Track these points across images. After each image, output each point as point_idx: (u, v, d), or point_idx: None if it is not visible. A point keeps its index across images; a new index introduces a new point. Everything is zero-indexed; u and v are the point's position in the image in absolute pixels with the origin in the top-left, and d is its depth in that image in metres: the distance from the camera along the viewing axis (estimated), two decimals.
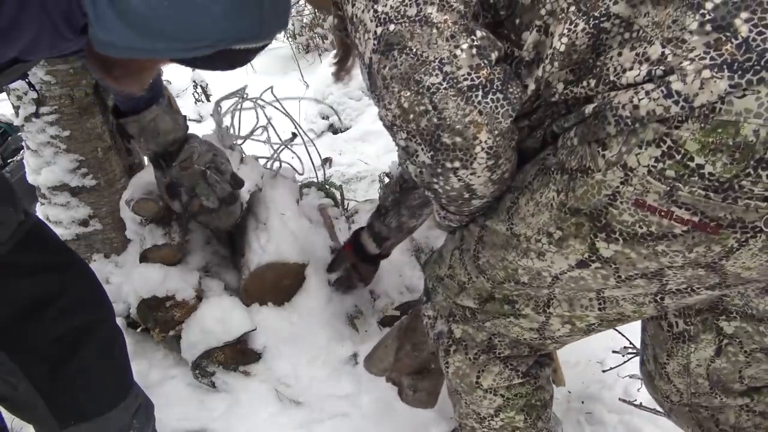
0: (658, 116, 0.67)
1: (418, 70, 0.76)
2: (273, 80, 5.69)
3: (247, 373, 1.67)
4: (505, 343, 1.05)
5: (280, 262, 1.71)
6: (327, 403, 1.61)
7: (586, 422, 1.58)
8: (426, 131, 0.80)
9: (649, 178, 0.69)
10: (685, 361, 1.01)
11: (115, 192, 1.72)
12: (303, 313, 1.75)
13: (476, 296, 1.01)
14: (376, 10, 0.79)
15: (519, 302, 0.96)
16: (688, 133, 0.65)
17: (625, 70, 0.71)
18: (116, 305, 1.73)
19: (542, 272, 0.87)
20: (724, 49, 0.63)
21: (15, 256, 0.98)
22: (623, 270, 0.79)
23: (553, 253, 0.83)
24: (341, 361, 1.70)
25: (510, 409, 1.09)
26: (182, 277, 1.64)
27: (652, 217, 0.71)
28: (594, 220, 0.76)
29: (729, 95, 0.62)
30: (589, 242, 0.78)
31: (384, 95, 0.82)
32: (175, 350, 1.70)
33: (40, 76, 1.51)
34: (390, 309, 1.76)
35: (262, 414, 1.60)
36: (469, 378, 1.09)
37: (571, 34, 0.76)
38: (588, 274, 0.82)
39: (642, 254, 0.75)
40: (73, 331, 1.05)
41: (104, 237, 1.75)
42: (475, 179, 0.85)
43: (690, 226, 0.69)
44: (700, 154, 0.65)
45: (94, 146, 1.65)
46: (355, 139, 3.72)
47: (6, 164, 3.41)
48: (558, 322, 0.95)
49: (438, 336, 1.13)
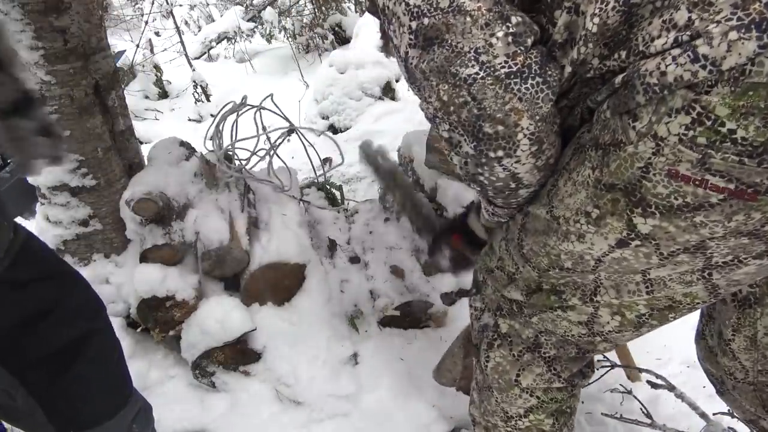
0: (686, 82, 0.64)
1: (454, 62, 0.75)
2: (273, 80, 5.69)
3: (247, 373, 1.67)
4: (551, 342, 1.02)
5: (281, 262, 1.71)
6: (327, 403, 1.61)
7: (586, 422, 1.58)
8: (467, 122, 0.79)
9: (680, 147, 0.66)
10: (752, 332, 0.97)
11: (115, 192, 1.72)
12: (303, 313, 1.75)
13: (524, 287, 0.98)
14: (408, 3, 0.77)
15: (566, 292, 0.93)
16: (717, 97, 0.63)
17: (653, 39, 0.69)
18: (116, 305, 1.74)
19: (584, 255, 0.85)
20: (752, 8, 0.60)
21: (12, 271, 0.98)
22: (664, 246, 0.76)
23: (593, 233, 0.81)
24: (341, 361, 1.70)
25: (542, 411, 1.07)
26: (182, 277, 1.64)
27: (686, 187, 0.68)
28: (629, 195, 0.74)
29: (759, 56, 0.60)
30: (626, 218, 0.76)
31: (423, 88, 0.81)
32: (175, 350, 1.70)
33: (40, 76, 1.51)
34: (390, 309, 1.76)
35: (262, 414, 1.60)
36: (508, 375, 1.07)
37: (602, 14, 0.74)
38: (629, 253, 0.80)
39: (680, 227, 0.73)
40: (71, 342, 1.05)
41: (104, 237, 1.75)
42: (520, 167, 0.83)
43: (726, 194, 0.67)
44: (731, 118, 0.62)
45: (94, 146, 1.65)
46: (355, 139, 3.72)
47: (6, 164, 3.41)
48: (607, 312, 0.91)
49: (483, 328, 1.11)
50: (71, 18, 1.52)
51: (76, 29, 1.54)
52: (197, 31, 7.44)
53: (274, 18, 6.31)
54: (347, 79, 4.03)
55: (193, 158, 1.86)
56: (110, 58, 1.71)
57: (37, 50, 1.48)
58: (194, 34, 7.41)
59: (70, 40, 1.53)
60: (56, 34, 1.50)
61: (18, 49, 1.47)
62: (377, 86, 4.07)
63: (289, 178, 1.94)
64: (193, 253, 1.68)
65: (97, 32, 1.63)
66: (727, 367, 1.05)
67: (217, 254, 1.67)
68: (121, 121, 1.76)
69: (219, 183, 1.83)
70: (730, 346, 1.02)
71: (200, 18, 7.73)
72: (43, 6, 1.46)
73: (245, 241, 1.71)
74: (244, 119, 1.88)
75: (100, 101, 1.65)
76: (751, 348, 0.99)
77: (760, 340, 0.97)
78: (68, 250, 1.75)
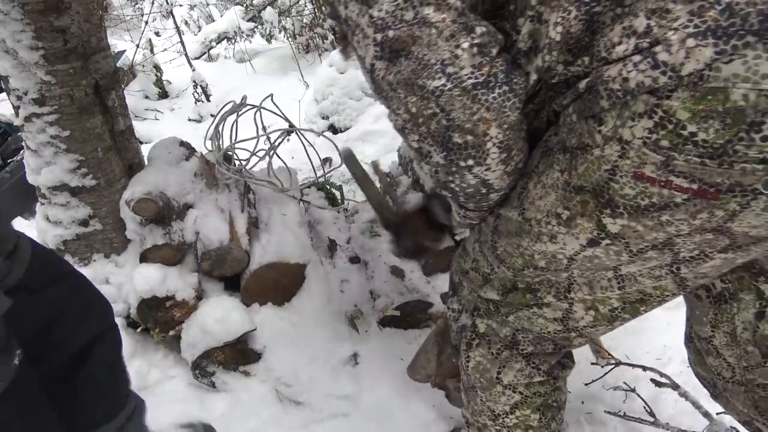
0: (647, 87, 0.67)
1: (421, 74, 0.76)
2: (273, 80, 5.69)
3: (247, 373, 1.67)
4: (528, 339, 1.04)
5: (281, 262, 1.71)
6: (327, 403, 1.61)
7: (586, 422, 1.58)
8: (437, 133, 0.80)
9: (645, 150, 0.69)
10: (731, 327, 0.98)
11: (115, 192, 1.72)
12: (303, 313, 1.75)
13: (500, 287, 1.00)
14: (372, 15, 0.77)
15: (541, 290, 0.95)
16: (678, 102, 0.65)
17: (615, 45, 0.71)
18: (116, 305, 1.73)
19: (557, 255, 0.87)
20: (708, 15, 0.62)
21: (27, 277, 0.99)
22: (633, 244, 0.79)
23: (564, 234, 0.83)
24: (341, 361, 1.70)
25: (527, 407, 1.09)
26: (182, 277, 1.64)
27: (652, 188, 0.71)
28: (598, 197, 0.76)
29: (715, 62, 0.62)
30: (595, 219, 0.78)
31: (391, 99, 0.82)
32: (175, 350, 1.70)
33: (40, 76, 1.51)
34: (390, 309, 1.76)
35: (262, 414, 1.60)
36: (489, 373, 1.09)
37: (565, 23, 0.76)
38: (600, 252, 0.82)
39: (648, 226, 0.75)
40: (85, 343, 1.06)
41: (104, 237, 1.75)
42: (490, 174, 0.85)
43: (690, 194, 0.69)
44: (692, 122, 0.65)
45: (94, 146, 1.65)
46: (355, 139, 3.72)
47: (6, 164, 3.41)
48: (581, 308, 0.94)
49: (461, 329, 1.12)
50: (71, 18, 1.52)
51: (76, 29, 1.54)
52: (197, 31, 7.44)
53: (274, 18, 6.31)
54: (347, 79, 4.03)
55: (193, 158, 1.85)
56: (110, 58, 1.71)
57: (37, 50, 1.48)
58: (194, 34, 7.41)
59: (70, 40, 1.53)
60: (56, 34, 1.50)
61: (18, 49, 1.47)
62: None
63: (289, 178, 1.94)
64: (193, 253, 1.68)
65: (97, 32, 1.63)
66: (714, 367, 1.06)
67: (217, 254, 1.67)
68: (121, 121, 1.76)
69: (219, 183, 1.83)
70: (712, 343, 1.03)
71: (200, 18, 7.73)
72: (43, 6, 1.46)
73: (245, 241, 1.71)
74: (244, 119, 1.88)
75: (100, 101, 1.65)
76: (732, 344, 1.00)
77: (740, 335, 0.98)
78: (68, 250, 1.75)
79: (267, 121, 1.90)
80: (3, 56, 1.50)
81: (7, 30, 1.45)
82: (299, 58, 5.63)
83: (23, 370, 0.88)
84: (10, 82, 1.54)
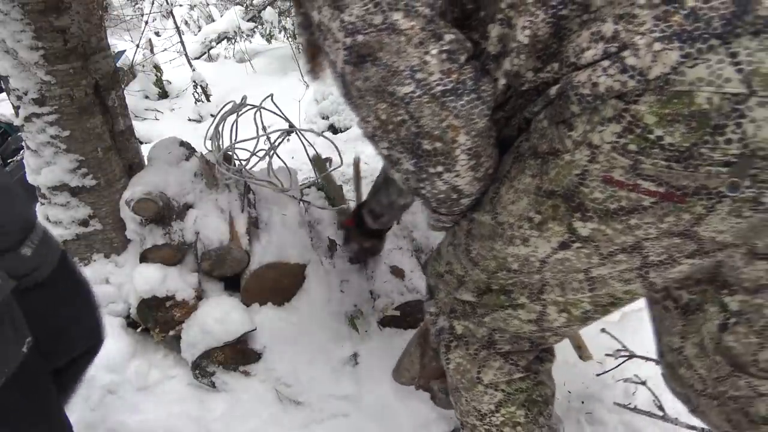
0: (616, 92, 0.67)
1: (391, 81, 0.77)
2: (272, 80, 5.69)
3: (247, 373, 1.67)
4: (505, 339, 1.05)
5: (281, 262, 1.71)
6: (327, 403, 1.61)
7: (586, 422, 1.58)
8: (406, 140, 0.81)
9: (613, 154, 0.70)
10: (699, 338, 0.99)
11: (115, 192, 1.72)
12: (303, 313, 1.75)
13: (474, 289, 1.02)
14: (343, 20, 0.78)
15: (515, 291, 0.97)
16: (645, 106, 0.66)
17: (584, 51, 0.72)
18: (116, 305, 1.74)
19: (529, 257, 0.88)
20: (673, 20, 0.63)
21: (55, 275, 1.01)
22: (603, 247, 0.80)
23: (536, 237, 0.85)
24: (341, 361, 1.70)
25: (511, 404, 1.10)
26: (182, 277, 1.64)
27: (621, 192, 0.72)
28: (568, 201, 0.77)
29: (681, 65, 0.63)
30: (566, 223, 0.80)
31: (360, 107, 0.83)
32: (175, 350, 1.70)
33: (40, 76, 1.51)
34: (390, 309, 1.76)
35: (262, 414, 1.60)
36: (470, 373, 1.10)
37: (532, 26, 0.77)
38: (572, 254, 0.84)
39: (617, 229, 0.76)
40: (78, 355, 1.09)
41: (104, 237, 1.75)
42: (460, 180, 0.86)
43: (657, 198, 0.70)
44: (659, 126, 0.66)
45: (94, 146, 1.65)
46: (355, 139, 3.72)
47: (6, 164, 3.41)
48: (554, 310, 0.95)
49: (439, 332, 1.14)
50: (71, 18, 1.52)
51: (76, 29, 1.54)
52: (197, 31, 7.43)
53: (274, 18, 6.31)
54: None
55: (193, 158, 1.86)
56: (110, 58, 1.71)
57: (37, 50, 1.48)
58: (194, 34, 7.41)
59: (70, 40, 1.53)
60: (56, 34, 1.50)
61: (18, 49, 1.47)
62: None
63: (289, 178, 1.94)
64: (193, 253, 1.68)
65: (97, 32, 1.63)
66: (686, 378, 1.07)
67: (217, 254, 1.67)
68: (121, 121, 1.76)
69: (219, 183, 1.83)
70: (683, 353, 1.04)
71: (200, 18, 7.73)
72: (43, 6, 1.46)
73: (245, 241, 1.71)
74: (244, 119, 1.88)
75: (100, 101, 1.65)
76: (701, 355, 1.01)
77: (707, 346, 0.99)
78: (68, 250, 1.75)
79: (267, 121, 1.90)
80: (3, 56, 1.50)
81: (7, 30, 1.45)
82: (299, 58, 5.63)
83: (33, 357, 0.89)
84: (10, 82, 1.54)
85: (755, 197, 0.67)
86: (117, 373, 1.66)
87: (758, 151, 0.63)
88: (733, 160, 0.64)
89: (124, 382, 1.66)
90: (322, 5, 0.80)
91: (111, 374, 1.66)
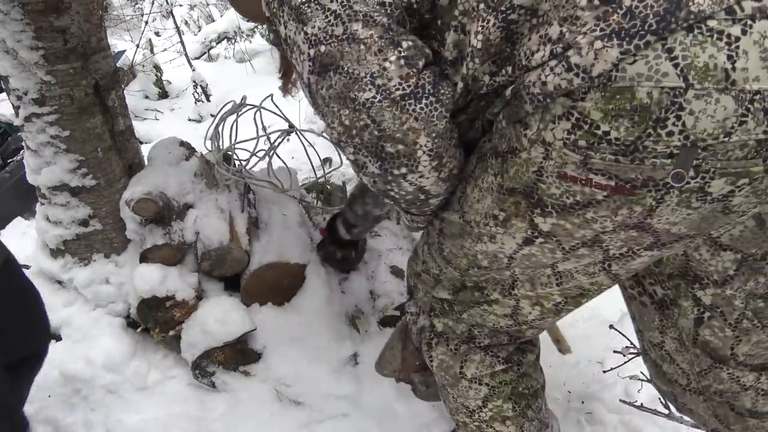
0: (563, 90, 0.70)
1: (352, 87, 0.80)
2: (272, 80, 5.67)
3: (247, 373, 1.67)
4: (484, 333, 1.08)
5: (281, 262, 1.71)
6: (327, 403, 1.61)
7: (586, 422, 1.58)
8: (370, 143, 0.83)
9: (565, 151, 0.73)
10: (677, 333, 1.02)
11: (115, 192, 1.72)
12: (303, 313, 1.75)
13: (450, 287, 1.04)
14: (306, 32, 0.82)
15: (488, 288, 0.99)
16: (591, 103, 0.68)
17: (533, 53, 0.75)
18: (116, 305, 1.74)
19: (497, 254, 0.91)
20: (612, 19, 0.66)
21: None
22: (564, 241, 0.83)
23: (502, 234, 0.87)
24: (341, 361, 1.70)
25: (497, 397, 1.11)
26: (182, 277, 1.64)
27: (575, 187, 0.75)
28: (528, 197, 0.80)
29: (621, 62, 0.66)
30: (528, 219, 0.83)
31: (326, 114, 0.86)
32: (175, 350, 1.70)
33: (40, 76, 1.51)
34: (390, 309, 1.76)
35: (262, 414, 1.60)
36: (453, 369, 1.12)
37: (484, 31, 0.80)
38: (536, 250, 0.86)
39: (575, 223, 0.79)
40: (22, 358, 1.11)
41: (104, 237, 1.75)
42: (425, 181, 0.88)
43: (609, 191, 0.73)
44: (604, 121, 0.68)
45: (94, 146, 1.65)
46: None
47: (6, 164, 3.41)
48: (527, 304, 0.98)
49: (420, 330, 1.16)
50: (71, 18, 1.52)
51: (76, 29, 1.54)
52: (197, 31, 7.43)
53: None
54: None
55: (193, 158, 1.85)
56: (110, 58, 1.71)
57: (37, 50, 1.48)
58: (194, 34, 7.40)
59: (70, 40, 1.53)
60: (56, 34, 1.50)
61: (18, 49, 1.47)
62: None
63: (289, 178, 1.94)
64: (193, 253, 1.68)
65: (97, 32, 1.63)
66: (670, 374, 1.08)
67: (217, 254, 1.67)
68: (121, 121, 1.76)
69: (219, 183, 1.83)
70: (664, 348, 1.06)
71: (200, 18, 7.73)
72: (43, 6, 1.46)
73: (245, 241, 1.71)
74: (244, 119, 1.88)
75: (100, 101, 1.65)
76: (681, 349, 1.03)
77: (685, 340, 1.01)
78: (68, 250, 1.75)
79: (267, 121, 1.89)
80: (3, 56, 1.50)
81: (7, 30, 1.45)
82: None
83: None
84: (10, 82, 1.54)
85: (701, 187, 0.70)
86: (117, 373, 1.66)
87: (699, 141, 0.66)
88: (675, 151, 0.67)
89: (124, 382, 1.66)
90: (287, 20, 0.84)
91: (111, 374, 1.66)
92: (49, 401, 1.64)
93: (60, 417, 1.61)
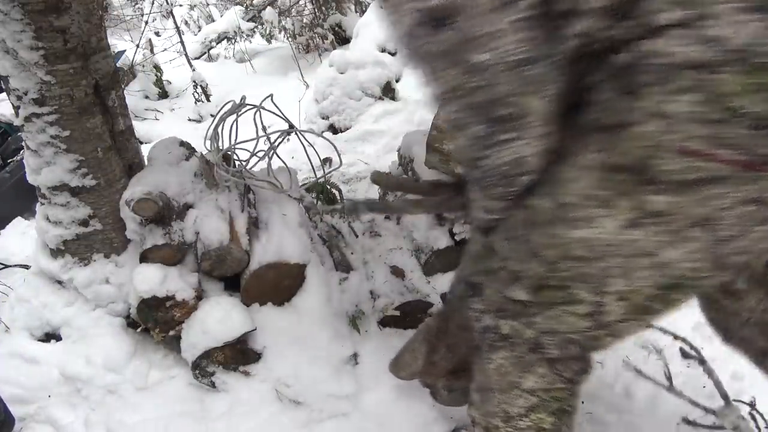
0: (695, 62, 0.67)
1: (466, 47, 0.76)
2: (273, 80, 5.68)
3: (247, 373, 1.67)
4: (554, 342, 1.02)
5: (281, 262, 1.71)
6: (327, 403, 1.61)
7: (586, 422, 1.58)
8: (478, 105, 0.80)
9: (692, 124, 0.69)
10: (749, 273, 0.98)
11: (115, 192, 1.72)
12: (303, 313, 1.75)
13: (529, 285, 0.98)
14: None
15: (573, 286, 0.93)
16: (728, 75, 0.65)
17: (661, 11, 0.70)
18: (116, 305, 1.74)
19: (594, 241, 0.85)
20: None
21: None
22: (675, 221, 0.77)
23: (603, 216, 0.81)
24: (341, 361, 1.70)
25: (543, 410, 1.07)
26: (182, 277, 1.64)
27: (697, 162, 0.71)
28: (639, 174, 0.75)
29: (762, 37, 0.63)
30: (637, 198, 0.77)
31: (430, 70, 0.81)
32: (175, 350, 1.70)
33: (40, 76, 1.51)
34: (390, 309, 1.76)
35: (262, 414, 1.60)
36: (510, 376, 1.07)
37: None
38: (640, 233, 0.80)
39: (692, 201, 0.74)
40: None
41: (104, 237, 1.75)
42: (529, 149, 0.84)
43: (738, 166, 0.69)
44: (743, 95, 0.65)
45: (94, 146, 1.65)
46: (355, 139, 3.72)
47: (6, 164, 3.42)
48: (613, 299, 0.91)
49: (484, 330, 1.10)
50: (71, 18, 1.52)
51: (76, 29, 1.54)
52: (197, 31, 7.44)
53: (274, 18, 6.31)
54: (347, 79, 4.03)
55: (193, 158, 1.86)
56: (110, 58, 1.71)
57: (37, 50, 1.48)
58: (194, 34, 7.41)
59: (70, 40, 1.53)
60: (56, 34, 1.50)
61: (18, 49, 1.47)
62: (377, 86, 4.06)
63: (289, 178, 1.94)
64: (193, 253, 1.68)
65: (97, 32, 1.63)
66: (732, 309, 1.06)
67: (217, 254, 1.67)
68: (121, 121, 1.76)
69: (219, 183, 1.83)
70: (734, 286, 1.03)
71: (200, 18, 7.73)
72: (43, 6, 1.46)
73: (245, 241, 1.71)
74: (243, 119, 1.88)
75: (100, 101, 1.65)
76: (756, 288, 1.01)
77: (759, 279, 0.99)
78: (68, 250, 1.75)
79: (267, 121, 1.90)
80: (3, 56, 1.50)
81: (7, 30, 1.45)
82: (299, 58, 5.63)
83: None
84: (10, 82, 1.54)
85: None
86: (117, 373, 1.66)
87: None
88: None
89: (125, 382, 1.66)
90: None
91: (111, 374, 1.66)
92: (49, 401, 1.64)
93: (60, 417, 1.61)
